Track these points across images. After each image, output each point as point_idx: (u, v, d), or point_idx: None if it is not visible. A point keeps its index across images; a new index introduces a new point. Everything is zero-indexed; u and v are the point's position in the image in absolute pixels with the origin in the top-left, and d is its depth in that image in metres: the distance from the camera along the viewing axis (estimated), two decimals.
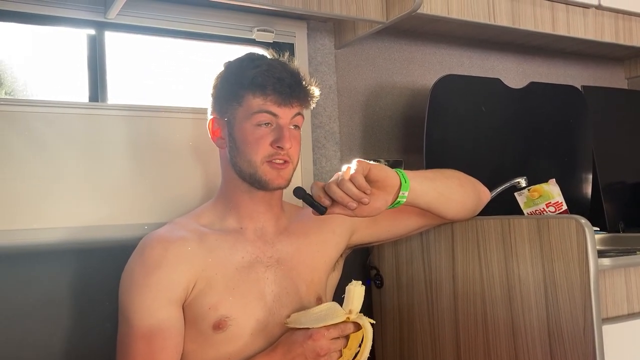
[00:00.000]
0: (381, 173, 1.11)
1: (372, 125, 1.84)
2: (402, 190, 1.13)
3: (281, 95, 1.19)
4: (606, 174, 2.01)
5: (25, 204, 1.30)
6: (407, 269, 1.49)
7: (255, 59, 1.24)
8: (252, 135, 1.20)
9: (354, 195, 1.08)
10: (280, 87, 1.19)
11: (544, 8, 1.74)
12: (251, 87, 1.19)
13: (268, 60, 1.24)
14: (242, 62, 1.24)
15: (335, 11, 1.50)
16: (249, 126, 1.20)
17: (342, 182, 1.08)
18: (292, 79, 1.21)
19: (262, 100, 1.19)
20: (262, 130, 1.20)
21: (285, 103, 1.20)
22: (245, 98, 1.20)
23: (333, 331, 1.11)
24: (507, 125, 1.86)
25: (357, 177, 1.08)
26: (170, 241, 1.19)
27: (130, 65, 1.55)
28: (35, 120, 1.32)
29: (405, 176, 1.14)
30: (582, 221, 1.10)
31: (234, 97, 1.22)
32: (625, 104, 2.21)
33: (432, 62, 1.98)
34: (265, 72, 1.19)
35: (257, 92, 1.19)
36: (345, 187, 1.08)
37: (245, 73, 1.21)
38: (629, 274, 1.23)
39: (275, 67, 1.21)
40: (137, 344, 1.13)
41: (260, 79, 1.19)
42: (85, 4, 1.43)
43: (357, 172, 1.09)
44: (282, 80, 1.19)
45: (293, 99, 1.20)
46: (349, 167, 1.10)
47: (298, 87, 1.22)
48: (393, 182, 1.13)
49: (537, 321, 1.17)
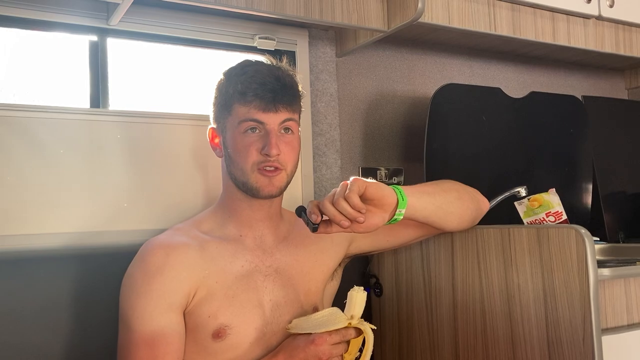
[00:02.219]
0: (377, 192, 1.10)
1: (373, 134, 1.85)
2: (399, 208, 1.13)
3: (263, 101, 1.18)
4: (606, 184, 2.01)
5: (26, 209, 1.30)
6: (406, 278, 1.49)
7: (245, 65, 1.23)
8: (241, 143, 1.19)
9: (349, 215, 1.07)
10: (262, 92, 1.17)
11: (544, 18, 1.74)
12: (236, 95, 1.19)
13: (257, 67, 1.22)
14: (233, 70, 1.24)
15: (337, 20, 1.51)
16: (238, 134, 1.20)
17: (337, 201, 1.07)
18: (276, 83, 1.19)
19: (246, 108, 1.18)
20: (249, 137, 1.19)
21: (269, 108, 1.18)
22: (233, 107, 1.20)
23: (335, 336, 1.11)
24: (508, 135, 1.87)
25: (352, 196, 1.07)
26: (171, 247, 1.19)
27: (131, 72, 1.55)
28: (36, 126, 1.32)
29: (403, 193, 1.13)
30: (582, 231, 1.10)
31: (224, 107, 1.22)
32: (625, 114, 2.22)
33: (432, 71, 1.99)
34: (250, 78, 1.19)
35: (241, 99, 1.19)
36: (340, 206, 1.07)
37: (233, 81, 1.21)
38: (629, 285, 1.22)
39: (261, 72, 1.20)
40: (138, 350, 1.13)
41: (241, 86, 1.18)
42: (88, 11, 1.43)
43: (352, 191, 1.07)
44: (264, 85, 1.18)
45: (278, 104, 1.18)
46: (346, 184, 1.09)
47: (282, 90, 1.19)
48: (390, 200, 1.12)
49: (537, 331, 1.17)
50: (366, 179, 1.10)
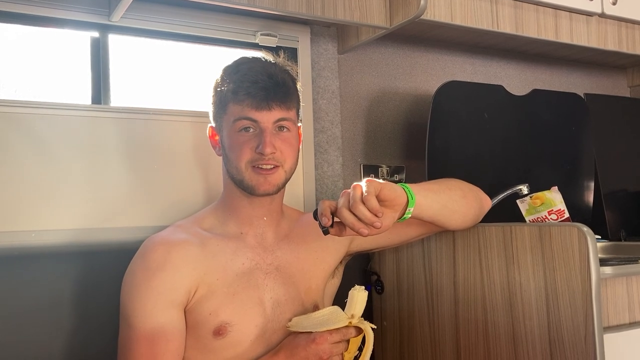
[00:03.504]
0: (391, 193, 1.08)
1: (375, 131, 1.84)
2: (408, 207, 1.12)
3: (255, 99, 1.17)
4: (608, 182, 2.01)
5: (27, 206, 1.30)
6: (408, 275, 1.48)
7: (240, 63, 1.23)
8: (235, 141, 1.19)
9: (367, 219, 1.03)
10: (255, 90, 1.17)
11: (547, 15, 1.74)
12: (229, 93, 1.19)
13: (251, 64, 1.22)
14: (228, 68, 1.23)
15: (339, 16, 1.50)
16: (233, 133, 1.20)
17: (355, 206, 1.03)
18: (268, 81, 1.18)
19: (239, 107, 1.18)
20: (244, 136, 1.19)
21: (262, 106, 1.17)
22: (227, 105, 1.20)
23: (336, 335, 1.12)
24: (510, 132, 1.86)
25: (371, 199, 1.03)
26: (173, 244, 1.19)
27: (133, 68, 1.55)
28: (38, 122, 1.32)
29: (412, 192, 1.12)
30: (584, 229, 1.10)
31: (220, 105, 1.22)
32: (627, 111, 2.21)
33: (435, 68, 1.98)
34: (243, 76, 1.18)
35: (234, 98, 1.18)
36: (359, 211, 1.03)
37: (227, 79, 1.20)
38: (631, 283, 1.22)
39: (255, 69, 1.19)
40: (139, 347, 1.13)
41: (234, 85, 1.18)
42: (90, 7, 1.43)
43: (369, 193, 1.04)
44: (256, 83, 1.17)
45: (271, 101, 1.18)
46: (359, 186, 1.06)
47: (275, 88, 1.18)
48: (401, 200, 1.10)
49: (538, 329, 1.17)
50: (378, 180, 1.08)
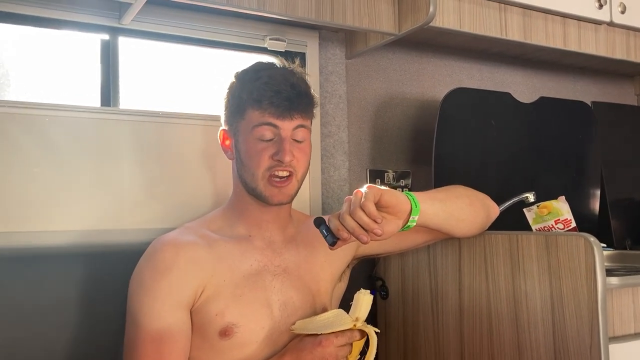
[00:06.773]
0: (392, 199, 1.09)
1: (381, 136, 1.85)
2: (412, 215, 1.12)
3: (278, 109, 1.18)
4: (614, 191, 2.01)
5: (35, 207, 1.30)
6: (413, 281, 1.49)
7: (259, 69, 1.24)
8: (253, 148, 1.20)
9: (365, 225, 1.05)
10: (278, 100, 1.18)
11: (555, 23, 1.74)
12: (250, 100, 1.20)
13: (270, 71, 1.23)
14: (246, 74, 1.24)
15: (348, 22, 1.51)
16: (251, 140, 1.20)
17: (354, 211, 1.05)
18: (291, 91, 1.19)
19: (260, 114, 1.19)
20: (263, 143, 1.20)
21: (284, 116, 1.19)
22: (246, 111, 1.21)
23: (341, 338, 1.12)
24: (516, 140, 1.86)
25: (368, 205, 1.05)
26: (181, 245, 1.20)
27: (143, 71, 1.56)
28: (47, 124, 1.33)
29: (416, 200, 1.13)
30: (591, 239, 1.10)
31: (237, 110, 1.22)
32: (634, 120, 2.21)
33: (442, 75, 1.98)
34: (264, 84, 1.19)
35: (255, 105, 1.19)
36: (357, 216, 1.05)
37: (246, 86, 1.21)
38: (637, 293, 1.22)
39: (275, 78, 1.20)
40: (145, 347, 1.13)
41: (257, 92, 1.19)
42: (100, 10, 1.43)
43: (367, 199, 1.06)
44: (279, 93, 1.18)
45: (293, 111, 1.19)
46: (359, 192, 1.08)
47: (298, 98, 1.20)
48: (404, 207, 1.11)
49: (544, 338, 1.17)
50: (380, 187, 1.10)
